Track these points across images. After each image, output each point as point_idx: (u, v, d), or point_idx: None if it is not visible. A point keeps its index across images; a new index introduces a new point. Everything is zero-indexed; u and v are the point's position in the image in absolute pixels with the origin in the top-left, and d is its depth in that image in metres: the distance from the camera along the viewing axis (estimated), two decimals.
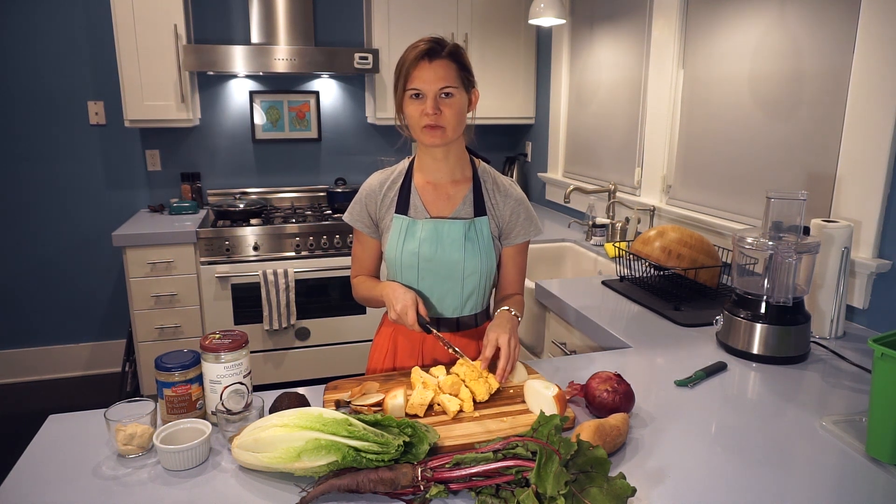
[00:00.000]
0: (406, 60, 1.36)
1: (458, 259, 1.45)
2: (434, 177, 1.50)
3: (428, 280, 1.48)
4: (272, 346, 3.24)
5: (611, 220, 2.78)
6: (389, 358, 1.57)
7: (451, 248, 1.45)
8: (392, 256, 1.48)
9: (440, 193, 1.49)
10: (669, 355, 1.52)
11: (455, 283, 1.48)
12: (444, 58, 1.35)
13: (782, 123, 1.97)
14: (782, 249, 1.46)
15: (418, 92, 1.36)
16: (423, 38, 1.38)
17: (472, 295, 1.51)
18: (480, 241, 1.47)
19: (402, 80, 1.37)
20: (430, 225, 1.46)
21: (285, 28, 3.36)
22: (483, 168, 1.54)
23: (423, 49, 1.35)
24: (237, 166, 3.71)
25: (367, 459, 0.95)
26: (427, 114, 1.35)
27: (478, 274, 1.48)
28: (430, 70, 1.34)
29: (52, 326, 3.60)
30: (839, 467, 1.05)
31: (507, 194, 1.51)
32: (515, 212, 1.51)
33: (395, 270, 1.50)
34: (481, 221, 1.48)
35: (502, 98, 3.69)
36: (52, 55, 3.32)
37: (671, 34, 2.45)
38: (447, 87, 1.35)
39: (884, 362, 1.03)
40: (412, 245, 1.46)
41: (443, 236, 1.46)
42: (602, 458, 0.93)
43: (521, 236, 1.53)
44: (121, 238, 2.95)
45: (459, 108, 1.38)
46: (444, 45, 1.37)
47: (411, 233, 1.46)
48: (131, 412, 1.10)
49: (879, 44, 1.59)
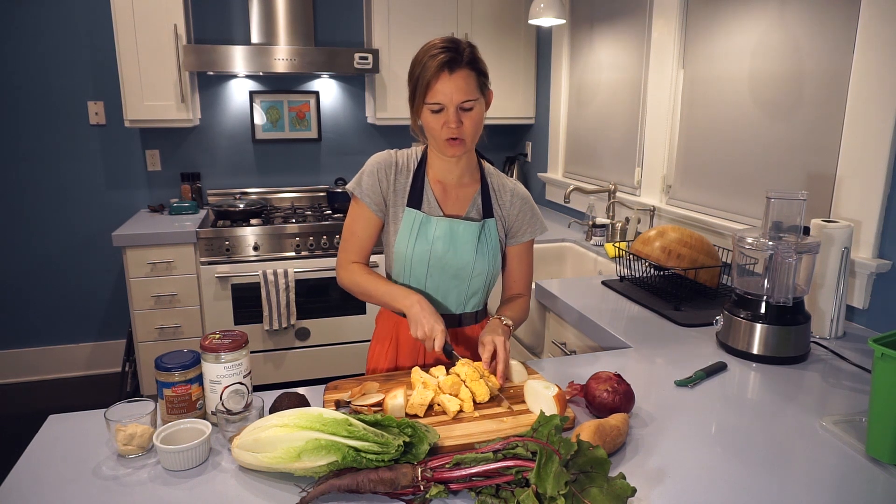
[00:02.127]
0: (426, 70, 1.32)
1: (469, 260, 1.46)
2: (445, 177, 1.49)
3: (435, 277, 1.48)
4: (272, 346, 3.24)
5: (611, 220, 2.78)
6: (391, 356, 1.56)
7: (463, 248, 1.46)
8: (402, 251, 1.46)
9: (450, 194, 1.50)
10: (669, 355, 1.52)
11: (462, 281, 1.49)
12: (464, 67, 1.32)
13: (782, 123, 1.97)
14: (782, 249, 1.46)
15: (441, 106, 1.34)
16: (439, 40, 1.34)
17: (476, 293, 1.53)
18: (490, 242, 1.49)
19: (421, 91, 1.34)
20: (444, 224, 1.45)
21: (285, 28, 3.37)
22: (489, 169, 1.55)
23: (443, 60, 1.30)
24: (237, 166, 3.71)
25: (367, 459, 0.95)
26: (450, 127, 1.34)
27: (485, 274, 1.50)
28: (450, 83, 1.31)
29: (52, 326, 3.60)
30: (839, 467, 1.05)
31: (514, 194, 1.53)
32: (522, 210, 1.53)
33: (403, 266, 1.49)
34: (490, 223, 1.50)
35: (502, 98, 3.69)
36: (52, 55, 3.32)
37: (671, 34, 2.45)
38: (468, 101, 1.34)
39: (884, 362, 1.03)
40: (425, 242, 1.45)
41: (457, 236, 1.46)
42: (602, 458, 0.93)
43: (527, 234, 1.54)
44: (121, 238, 2.95)
45: (479, 118, 1.38)
46: (462, 52, 1.33)
47: (424, 229, 1.45)
48: (131, 412, 1.10)
49: (879, 44, 1.59)
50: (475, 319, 1.57)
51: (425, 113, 1.36)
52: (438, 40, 1.34)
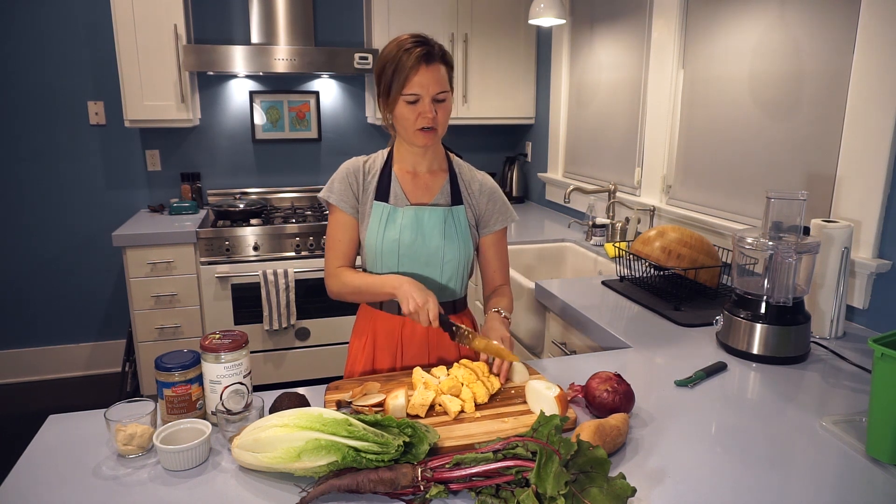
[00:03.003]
0: (402, 63, 1.37)
1: (437, 246, 1.49)
2: (413, 167, 1.54)
3: (407, 266, 1.50)
4: (272, 346, 3.24)
5: (611, 220, 2.78)
6: (369, 351, 1.55)
7: (430, 235, 1.49)
8: (372, 243, 1.50)
9: (419, 182, 1.53)
10: (669, 355, 1.52)
11: (434, 269, 1.51)
12: (438, 61, 1.39)
13: (782, 123, 1.97)
14: (782, 249, 1.46)
15: (417, 97, 1.38)
16: (408, 35, 1.40)
17: (450, 280, 1.54)
18: (458, 228, 1.52)
19: (398, 83, 1.38)
20: (410, 212, 1.49)
21: (285, 28, 3.37)
22: (456, 161, 1.60)
23: (420, 53, 1.36)
24: (237, 166, 3.71)
25: (367, 459, 0.95)
26: (427, 117, 1.39)
27: (456, 260, 1.52)
28: (427, 74, 1.37)
29: (52, 326, 3.60)
30: (839, 467, 1.05)
31: (482, 184, 1.58)
32: (491, 199, 1.57)
33: (375, 257, 1.51)
34: (458, 209, 1.53)
35: (502, 98, 3.69)
36: (52, 55, 3.32)
37: (671, 34, 2.45)
38: (442, 93, 1.40)
39: (884, 362, 1.03)
40: (393, 232, 1.48)
41: (423, 223, 1.49)
42: (602, 458, 0.93)
43: (499, 223, 1.58)
44: (121, 238, 2.95)
45: (449, 110, 1.45)
46: (435, 47, 1.40)
47: (392, 220, 1.49)
48: (131, 412, 1.10)
49: (879, 44, 1.59)
50: (454, 309, 1.58)
51: (400, 104, 1.40)
52: (407, 35, 1.41)
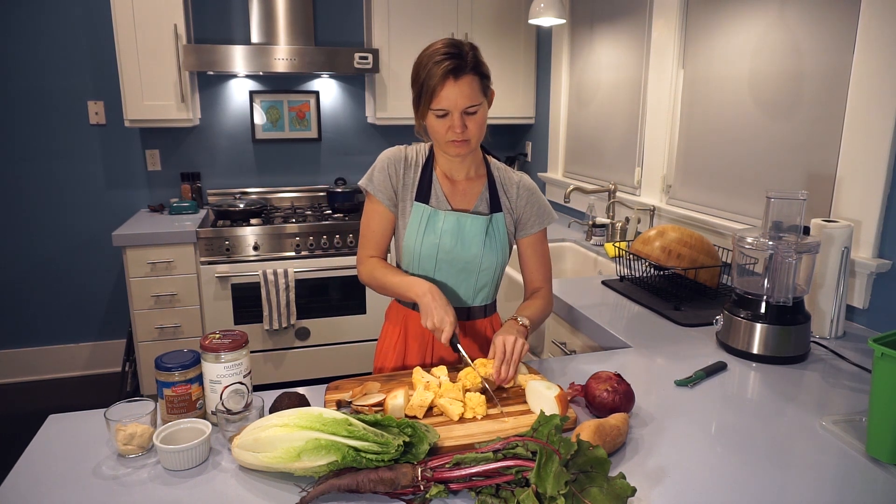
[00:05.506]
0: (430, 76, 1.32)
1: (476, 254, 1.47)
2: (451, 173, 1.51)
3: (444, 271, 1.49)
4: (272, 346, 3.24)
5: (611, 220, 2.77)
6: (400, 349, 1.56)
7: (471, 242, 1.47)
8: (411, 246, 1.48)
9: (457, 188, 1.51)
10: (669, 355, 1.52)
11: (470, 275, 1.50)
12: (468, 73, 1.33)
13: (782, 123, 1.97)
14: (782, 249, 1.46)
15: (445, 112, 1.35)
16: (441, 44, 1.34)
17: (484, 287, 1.54)
18: (498, 236, 1.50)
19: (426, 97, 1.35)
20: (452, 218, 1.47)
21: (285, 28, 3.36)
22: (494, 164, 1.56)
23: (448, 67, 1.31)
24: (237, 166, 3.71)
25: (366, 459, 0.95)
26: (455, 132, 1.36)
27: (492, 269, 1.51)
28: (455, 89, 1.32)
29: (52, 326, 3.60)
30: (839, 467, 1.05)
31: (520, 186, 1.54)
32: (530, 202, 1.54)
33: (412, 259, 1.49)
34: (498, 217, 1.51)
35: (502, 98, 3.69)
36: (52, 55, 3.32)
37: (671, 34, 2.45)
38: (473, 106, 1.35)
39: (884, 362, 1.03)
40: (433, 236, 1.46)
41: (465, 230, 1.47)
42: (602, 457, 0.93)
43: (536, 225, 1.54)
44: (121, 238, 2.95)
45: (483, 120, 1.39)
46: (466, 57, 1.33)
47: (433, 223, 1.46)
48: (131, 412, 1.10)
49: (879, 44, 1.59)
50: (484, 313, 1.57)
51: (430, 117, 1.38)
52: (441, 44, 1.35)
